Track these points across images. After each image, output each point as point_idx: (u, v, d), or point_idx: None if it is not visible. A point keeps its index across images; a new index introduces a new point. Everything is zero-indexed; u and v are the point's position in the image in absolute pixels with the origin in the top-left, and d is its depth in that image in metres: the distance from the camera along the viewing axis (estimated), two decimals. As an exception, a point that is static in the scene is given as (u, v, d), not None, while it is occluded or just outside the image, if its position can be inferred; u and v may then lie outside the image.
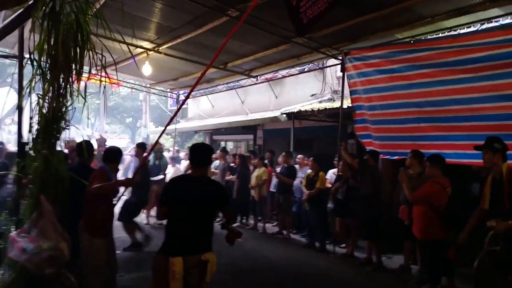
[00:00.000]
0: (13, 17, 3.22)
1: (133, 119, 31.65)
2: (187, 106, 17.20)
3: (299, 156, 8.41)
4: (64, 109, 3.15)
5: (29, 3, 3.12)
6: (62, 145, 3.39)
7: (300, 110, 9.15)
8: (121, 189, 4.16)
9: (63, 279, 2.85)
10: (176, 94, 12.97)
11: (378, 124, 6.24)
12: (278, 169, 8.21)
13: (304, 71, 10.01)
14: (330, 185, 7.26)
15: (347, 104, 7.03)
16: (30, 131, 3.08)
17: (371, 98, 6.26)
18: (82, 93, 3.34)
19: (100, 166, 3.92)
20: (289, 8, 3.89)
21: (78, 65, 3.19)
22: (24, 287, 2.70)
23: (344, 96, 6.98)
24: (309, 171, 7.45)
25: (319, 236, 7.12)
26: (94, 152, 4.82)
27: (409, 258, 5.81)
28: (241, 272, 5.62)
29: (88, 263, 3.59)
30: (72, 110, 3.19)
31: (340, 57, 6.82)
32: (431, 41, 5.60)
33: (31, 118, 3.07)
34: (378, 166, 6.24)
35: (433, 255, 4.83)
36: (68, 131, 3.27)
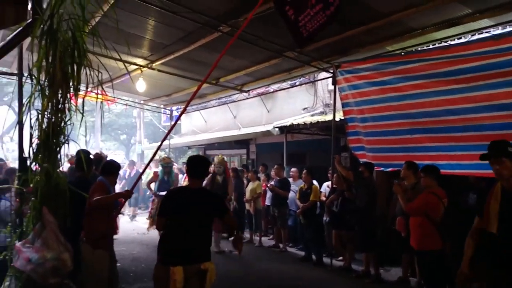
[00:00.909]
0: (12, 35, 3.28)
1: (127, 136, 31.61)
2: (180, 122, 17.26)
3: (293, 170, 8.46)
4: (63, 124, 3.19)
5: (27, 21, 3.18)
6: (64, 160, 3.43)
7: (292, 123, 9.22)
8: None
9: (66, 289, 2.88)
10: (169, 110, 13.01)
11: (371, 136, 6.29)
12: (272, 183, 8.24)
13: (296, 85, 10.15)
14: (324, 198, 7.30)
15: (339, 117, 7.10)
16: (31, 145, 3.13)
17: (363, 110, 6.33)
18: (79, 109, 3.38)
19: (99, 179, 3.98)
20: (288, 23, 3.98)
21: (75, 82, 3.24)
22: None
23: (336, 109, 7.07)
24: (302, 185, 7.49)
25: (315, 249, 7.12)
26: (92, 166, 4.83)
27: (407, 270, 5.81)
28: (238, 285, 5.59)
29: (90, 275, 3.67)
30: (71, 125, 3.24)
31: (331, 70, 6.92)
32: (422, 52, 5.69)
33: (31, 133, 3.12)
34: (373, 178, 6.28)
35: (431, 266, 4.85)
36: (68, 147, 3.32)
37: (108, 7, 4.62)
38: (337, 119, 7.04)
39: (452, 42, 5.47)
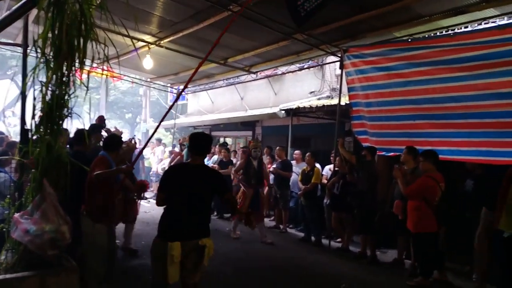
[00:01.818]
0: (18, 5, 3.28)
1: (132, 115, 31.65)
2: (186, 101, 17.27)
3: (296, 152, 8.50)
4: (66, 97, 3.22)
5: (34, -8, 3.18)
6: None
7: (298, 106, 9.23)
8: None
9: (64, 262, 2.93)
10: (176, 89, 13.03)
11: (375, 121, 6.33)
12: (274, 166, 8.28)
13: (304, 68, 10.11)
14: (326, 181, 7.36)
15: (344, 101, 7.12)
16: (33, 118, 3.14)
17: (368, 95, 6.36)
18: (84, 83, 3.40)
19: (101, 153, 3.96)
20: (286, 1, 4.02)
21: (81, 55, 3.26)
22: (26, 267, 2.77)
23: (341, 94, 7.07)
24: (304, 167, 7.54)
25: (315, 230, 7.22)
26: (92, 140, 4.87)
27: (402, 252, 5.92)
28: (238, 265, 5.71)
29: (90, 248, 3.68)
30: (75, 99, 3.26)
31: (339, 54, 6.90)
32: (428, 39, 5.70)
33: (34, 106, 3.14)
34: (375, 162, 6.32)
35: (425, 248, 4.94)
36: (71, 121, 3.35)
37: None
38: (343, 103, 7.05)
39: (458, 30, 5.44)
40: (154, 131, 4.15)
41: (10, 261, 2.88)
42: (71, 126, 3.69)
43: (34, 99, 3.15)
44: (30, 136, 3.27)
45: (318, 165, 7.54)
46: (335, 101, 7.86)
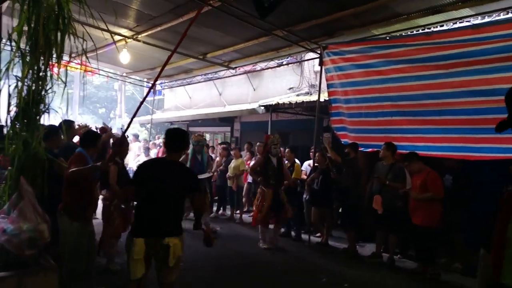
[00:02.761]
0: (-10, -2, 3.17)
1: (106, 110, 31.00)
2: (163, 97, 17.05)
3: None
4: (43, 92, 3.12)
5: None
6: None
7: (278, 103, 9.26)
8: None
9: (43, 261, 2.84)
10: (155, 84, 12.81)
11: (354, 117, 6.43)
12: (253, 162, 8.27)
13: (283, 64, 10.15)
14: (305, 176, 7.42)
15: (324, 97, 7.18)
16: (8, 113, 3.04)
17: (347, 92, 6.45)
18: (61, 78, 3.31)
19: (78, 150, 3.86)
20: None
21: (58, 50, 3.16)
22: (3, 268, 2.68)
23: (321, 90, 7.13)
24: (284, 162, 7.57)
25: (295, 225, 7.28)
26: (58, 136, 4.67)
27: (381, 246, 6.03)
28: (217, 260, 5.70)
29: (67, 248, 3.58)
30: (52, 94, 3.16)
31: (319, 51, 6.95)
32: (406, 38, 5.84)
33: (9, 101, 3.03)
34: (358, 158, 6.40)
35: (432, 241, 5.09)
36: (48, 117, 3.24)
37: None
38: (322, 99, 7.11)
39: (435, 29, 5.58)
40: (127, 126, 4.03)
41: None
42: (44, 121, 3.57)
43: (9, 95, 3.04)
44: (5, 133, 3.16)
45: (297, 161, 7.58)
46: (314, 98, 7.93)
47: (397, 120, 5.83)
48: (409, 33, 5.96)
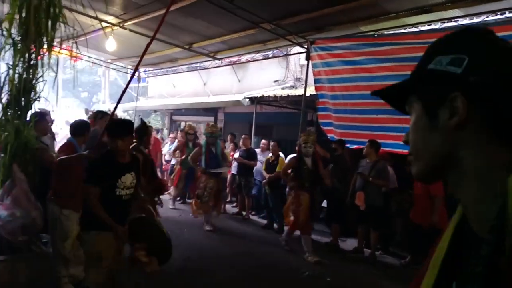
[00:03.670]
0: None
1: (88, 94, 30.43)
2: (147, 84, 16.86)
3: (263, 141, 8.53)
4: (34, 80, 3.10)
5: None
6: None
7: (263, 95, 9.29)
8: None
9: (35, 247, 2.86)
10: (137, 71, 12.64)
11: (340, 113, 6.51)
12: (238, 153, 8.33)
13: (269, 57, 10.15)
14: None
15: (309, 92, 7.24)
16: (0, 101, 3.01)
17: (334, 88, 6.51)
18: (51, 65, 3.28)
19: (68, 139, 3.87)
20: None
21: (49, 37, 3.14)
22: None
23: (307, 84, 7.19)
24: (269, 155, 7.66)
25: (278, 218, 7.39)
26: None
27: (362, 241, 6.17)
28: (199, 250, 5.75)
29: (57, 235, 3.58)
30: (44, 82, 3.15)
31: (306, 46, 6.99)
32: (394, 36, 5.89)
33: (1, 89, 3.00)
34: (345, 154, 6.49)
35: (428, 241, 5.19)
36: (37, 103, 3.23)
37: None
38: (307, 94, 7.17)
39: (423, 28, 5.67)
40: (112, 113, 4.00)
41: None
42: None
43: (2, 83, 3.02)
44: None
45: (281, 154, 7.67)
46: (299, 91, 7.99)
47: (382, 118, 5.89)
48: (397, 31, 6.01)
